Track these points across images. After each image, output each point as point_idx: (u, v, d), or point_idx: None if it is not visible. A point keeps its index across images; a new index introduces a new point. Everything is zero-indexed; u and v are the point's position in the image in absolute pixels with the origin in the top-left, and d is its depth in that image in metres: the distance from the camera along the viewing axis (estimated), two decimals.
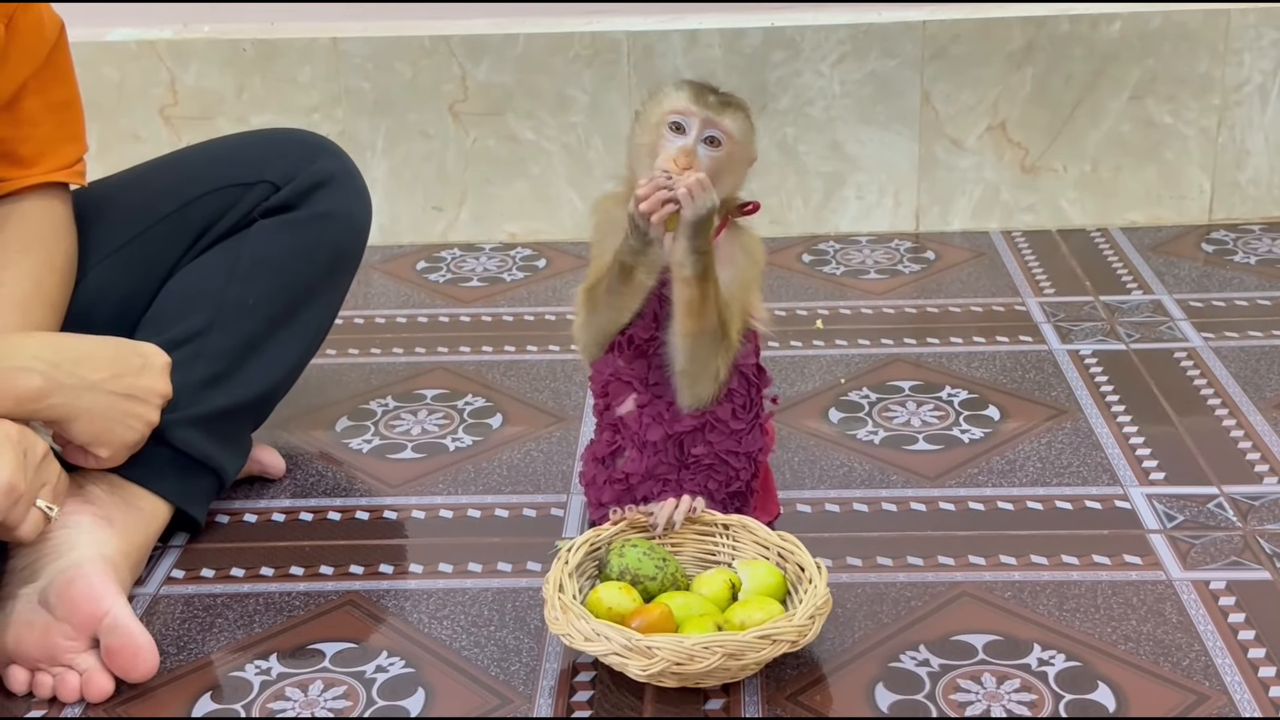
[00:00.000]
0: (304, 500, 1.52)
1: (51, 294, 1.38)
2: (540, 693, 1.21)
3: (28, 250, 1.37)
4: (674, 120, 1.27)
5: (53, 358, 1.25)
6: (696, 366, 1.28)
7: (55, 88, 1.41)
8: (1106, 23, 2.11)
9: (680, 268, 1.24)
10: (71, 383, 1.25)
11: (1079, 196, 2.19)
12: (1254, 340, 1.81)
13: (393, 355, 1.85)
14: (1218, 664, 1.21)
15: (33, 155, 1.40)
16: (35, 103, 1.39)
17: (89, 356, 1.28)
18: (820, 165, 2.18)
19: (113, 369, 1.28)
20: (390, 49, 2.14)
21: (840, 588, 1.33)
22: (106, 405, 1.27)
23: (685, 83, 1.29)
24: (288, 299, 1.46)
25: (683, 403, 1.30)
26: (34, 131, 1.40)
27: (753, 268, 1.31)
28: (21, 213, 1.40)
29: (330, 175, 1.51)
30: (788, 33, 2.11)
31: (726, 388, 1.30)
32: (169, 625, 1.31)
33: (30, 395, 1.23)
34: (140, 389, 1.30)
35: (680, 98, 1.28)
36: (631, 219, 1.23)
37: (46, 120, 1.41)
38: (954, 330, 1.87)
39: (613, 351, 1.32)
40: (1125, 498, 1.47)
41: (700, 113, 1.27)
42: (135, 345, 1.33)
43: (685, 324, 1.27)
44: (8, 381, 1.23)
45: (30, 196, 1.41)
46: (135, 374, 1.30)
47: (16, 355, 1.24)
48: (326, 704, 1.20)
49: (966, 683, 1.20)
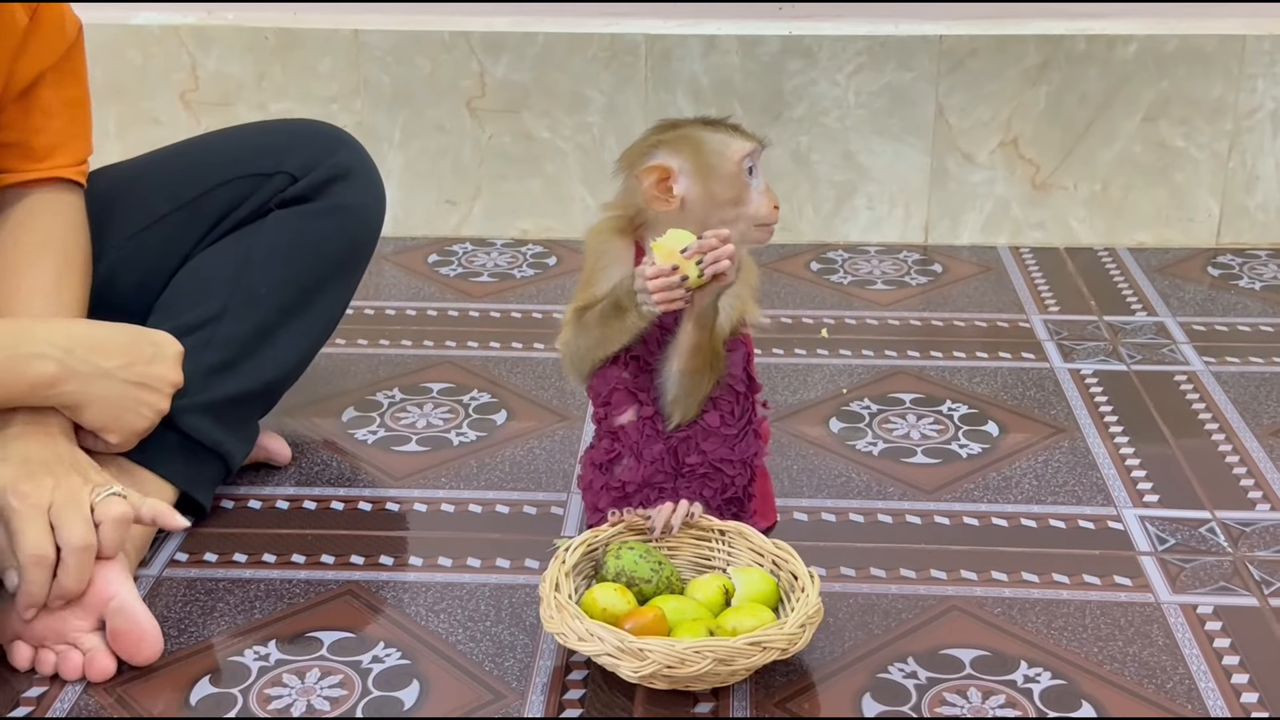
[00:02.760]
0: (308, 489, 1.54)
1: (72, 289, 1.39)
2: (533, 689, 1.23)
3: (46, 249, 1.39)
4: (751, 164, 1.30)
5: (66, 344, 1.27)
6: (691, 399, 1.31)
7: (70, 85, 1.43)
8: (1123, 44, 2.12)
9: (703, 316, 1.26)
10: (85, 370, 1.27)
11: (1088, 215, 2.21)
12: (1255, 366, 1.82)
13: (401, 347, 1.87)
14: (1201, 688, 1.23)
15: (46, 148, 1.42)
16: (51, 95, 1.41)
17: (103, 344, 1.30)
18: (832, 174, 2.20)
19: (126, 357, 1.30)
20: (410, 43, 2.16)
21: (832, 597, 1.34)
22: (119, 393, 1.29)
23: (720, 124, 1.31)
24: (300, 289, 1.48)
25: (670, 419, 1.33)
26: (48, 124, 1.42)
27: (746, 289, 1.33)
28: (37, 210, 1.41)
29: (347, 169, 1.53)
30: (805, 41, 2.13)
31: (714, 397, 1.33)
32: (171, 607, 1.33)
33: (44, 381, 1.25)
34: (152, 377, 1.31)
35: (740, 141, 1.29)
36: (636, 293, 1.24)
37: (61, 114, 1.42)
38: (958, 344, 1.88)
39: (616, 364, 1.33)
40: (1118, 518, 1.48)
41: (757, 149, 1.30)
42: (149, 333, 1.35)
43: (687, 362, 1.29)
44: (22, 367, 1.25)
45: (43, 192, 1.42)
46: (147, 362, 1.31)
47: (31, 341, 1.26)
48: (323, 692, 1.22)
49: (953, 696, 1.22)
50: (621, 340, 1.30)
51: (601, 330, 1.29)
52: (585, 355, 1.33)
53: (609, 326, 1.29)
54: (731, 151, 1.29)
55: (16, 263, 1.38)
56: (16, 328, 1.29)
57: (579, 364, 1.34)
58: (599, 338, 1.30)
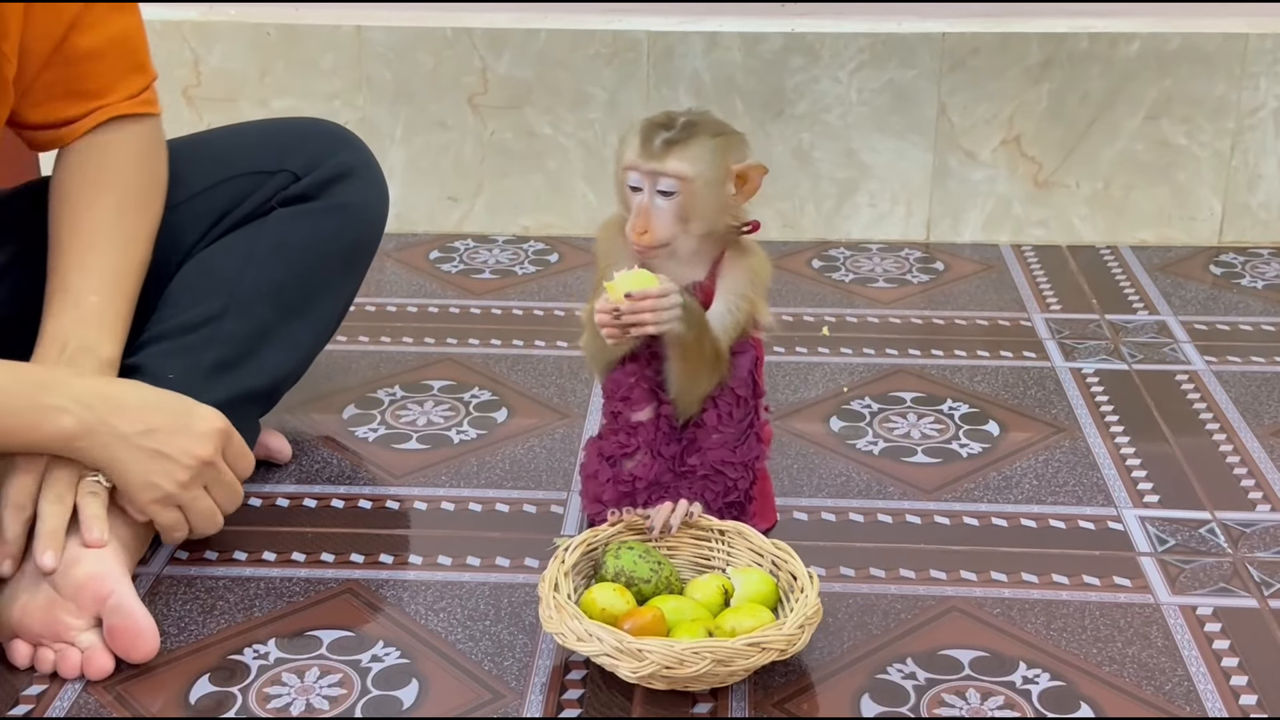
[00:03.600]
0: (308, 486, 1.54)
1: (132, 228, 1.40)
2: (532, 689, 1.23)
3: (105, 187, 1.39)
4: (630, 182, 1.28)
5: (88, 401, 1.26)
6: (693, 394, 1.32)
7: (112, 19, 1.41)
8: (1125, 42, 2.12)
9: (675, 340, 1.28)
10: (101, 430, 1.26)
11: (1090, 213, 2.21)
12: (1256, 366, 1.82)
13: (402, 344, 1.87)
14: (1199, 690, 1.23)
15: (98, 89, 1.41)
16: (89, 38, 1.39)
17: (124, 406, 1.28)
18: (834, 171, 2.20)
19: (148, 423, 1.27)
20: (413, 39, 2.16)
21: (832, 597, 1.34)
22: (131, 458, 1.27)
23: (641, 125, 1.27)
24: (302, 288, 1.48)
25: (676, 411, 1.33)
26: (97, 66, 1.41)
27: (757, 290, 1.32)
28: (101, 148, 1.41)
29: (350, 168, 1.53)
30: (808, 39, 2.13)
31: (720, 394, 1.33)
32: (170, 605, 1.33)
33: (60, 436, 1.25)
34: (173, 448, 1.28)
35: (630, 151, 1.27)
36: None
37: (109, 53, 1.41)
38: (959, 343, 1.88)
39: (638, 361, 1.33)
40: (1118, 519, 1.48)
41: (646, 165, 1.26)
42: (187, 404, 1.31)
43: (680, 365, 1.30)
44: (39, 419, 1.24)
45: (107, 130, 1.42)
46: (170, 432, 1.28)
47: (54, 393, 1.26)
48: (322, 691, 1.22)
49: (951, 697, 1.22)
50: (624, 345, 1.30)
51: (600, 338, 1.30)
52: (602, 353, 1.33)
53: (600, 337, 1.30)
54: (622, 154, 1.28)
55: (77, 200, 1.38)
56: (43, 377, 1.28)
57: (601, 364, 1.35)
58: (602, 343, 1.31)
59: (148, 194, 1.43)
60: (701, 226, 1.28)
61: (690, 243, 1.29)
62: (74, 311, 1.34)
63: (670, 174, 1.25)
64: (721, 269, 1.31)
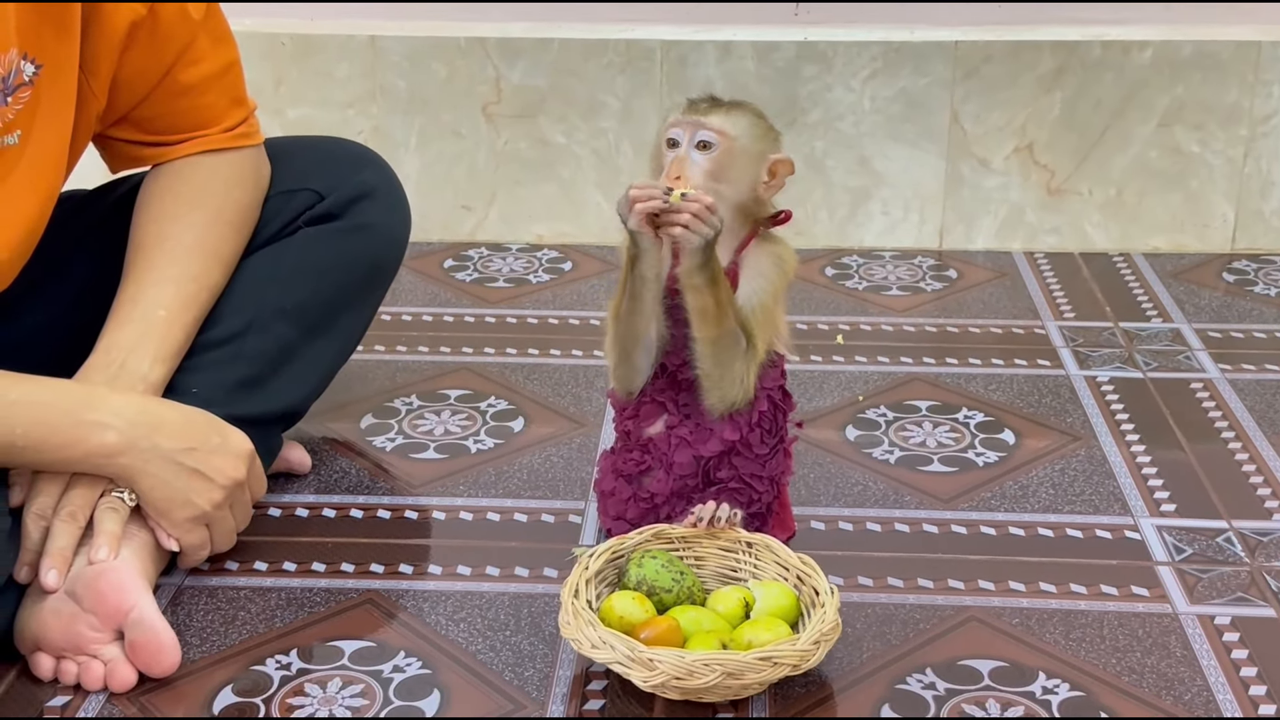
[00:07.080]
0: (327, 496, 1.54)
1: (217, 246, 1.41)
2: (553, 699, 1.23)
3: (195, 205, 1.41)
4: (669, 136, 1.30)
5: (131, 417, 1.27)
6: (720, 370, 1.31)
7: (215, 54, 1.43)
8: (1138, 50, 2.12)
9: (689, 276, 1.27)
10: (144, 446, 1.27)
11: (1103, 220, 2.21)
12: (1270, 374, 1.83)
13: (418, 353, 1.88)
14: (1219, 699, 1.23)
15: (199, 123, 1.44)
16: (191, 74, 1.41)
17: (166, 424, 1.29)
18: (847, 180, 2.20)
19: (188, 441, 1.29)
20: (427, 48, 2.16)
21: (850, 607, 1.35)
22: (172, 475, 1.28)
23: (687, 100, 1.32)
24: (324, 307, 1.48)
25: (709, 404, 1.32)
26: (198, 101, 1.43)
27: (782, 279, 1.32)
28: (195, 166, 1.44)
29: (373, 188, 1.54)
30: (820, 47, 2.13)
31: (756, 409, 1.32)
32: (192, 616, 1.34)
33: (102, 451, 1.26)
34: (211, 467, 1.30)
35: (674, 114, 1.31)
36: (618, 205, 1.26)
37: (211, 88, 1.43)
38: (973, 351, 1.89)
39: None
40: (1135, 528, 1.49)
41: (687, 119, 1.29)
42: (220, 425, 1.33)
43: (702, 330, 1.29)
44: (84, 434, 1.26)
45: (204, 156, 1.44)
46: (209, 451, 1.30)
47: (100, 409, 1.27)
48: (344, 701, 1.23)
49: (971, 708, 1.22)
50: (646, 300, 1.30)
51: (628, 301, 1.30)
52: (626, 341, 1.33)
53: (629, 288, 1.29)
54: (664, 125, 1.31)
55: (168, 215, 1.41)
56: (87, 394, 1.29)
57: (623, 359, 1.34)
58: (629, 311, 1.30)
59: (237, 219, 1.44)
60: (732, 191, 1.29)
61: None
62: (140, 325, 1.35)
63: (712, 127, 1.28)
64: (746, 254, 1.31)
